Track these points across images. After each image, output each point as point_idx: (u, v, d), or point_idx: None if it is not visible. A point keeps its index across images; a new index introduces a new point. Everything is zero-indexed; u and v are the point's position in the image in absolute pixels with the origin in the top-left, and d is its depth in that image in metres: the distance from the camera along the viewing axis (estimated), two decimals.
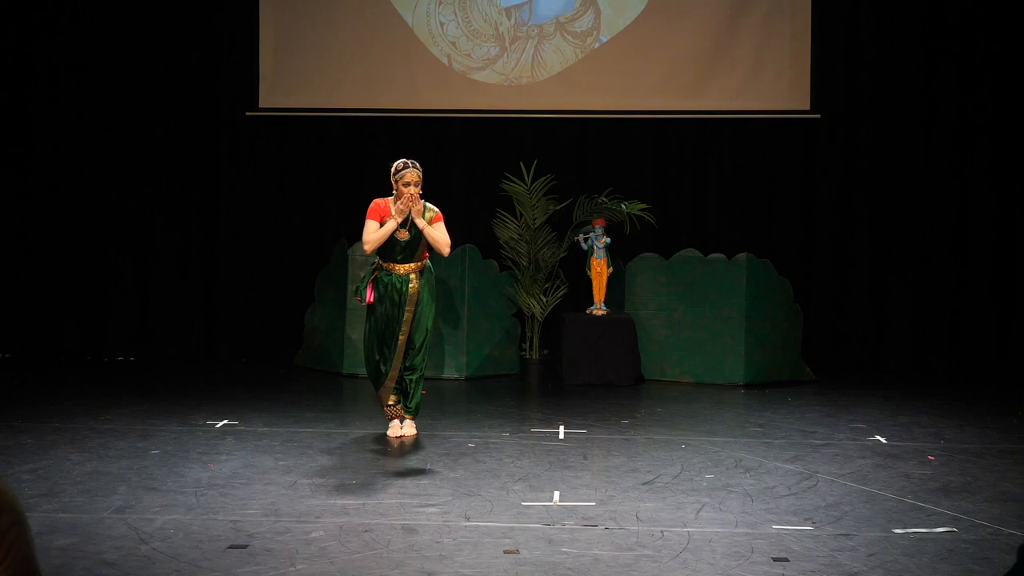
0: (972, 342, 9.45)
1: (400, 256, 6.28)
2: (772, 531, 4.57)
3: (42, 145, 9.86)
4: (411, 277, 6.27)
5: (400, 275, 6.27)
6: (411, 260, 6.30)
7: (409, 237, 6.25)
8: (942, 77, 9.47)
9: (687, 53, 9.60)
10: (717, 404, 7.95)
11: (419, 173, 6.29)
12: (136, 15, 9.76)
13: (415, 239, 6.27)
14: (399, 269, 6.28)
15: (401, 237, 6.25)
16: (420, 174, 6.30)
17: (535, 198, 9.04)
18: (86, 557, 4.12)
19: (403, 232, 6.24)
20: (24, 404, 7.38)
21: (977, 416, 7.41)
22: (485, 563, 4.10)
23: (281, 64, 9.76)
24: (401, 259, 6.28)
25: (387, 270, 6.30)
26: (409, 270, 6.29)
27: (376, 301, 6.31)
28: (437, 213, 6.37)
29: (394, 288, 6.26)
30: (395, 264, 6.29)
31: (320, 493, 5.11)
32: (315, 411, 7.33)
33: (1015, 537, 4.50)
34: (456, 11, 9.71)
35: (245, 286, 9.95)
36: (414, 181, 6.24)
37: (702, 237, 9.61)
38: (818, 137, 9.68)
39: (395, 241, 6.25)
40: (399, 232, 6.24)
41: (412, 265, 6.30)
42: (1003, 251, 9.45)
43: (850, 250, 9.68)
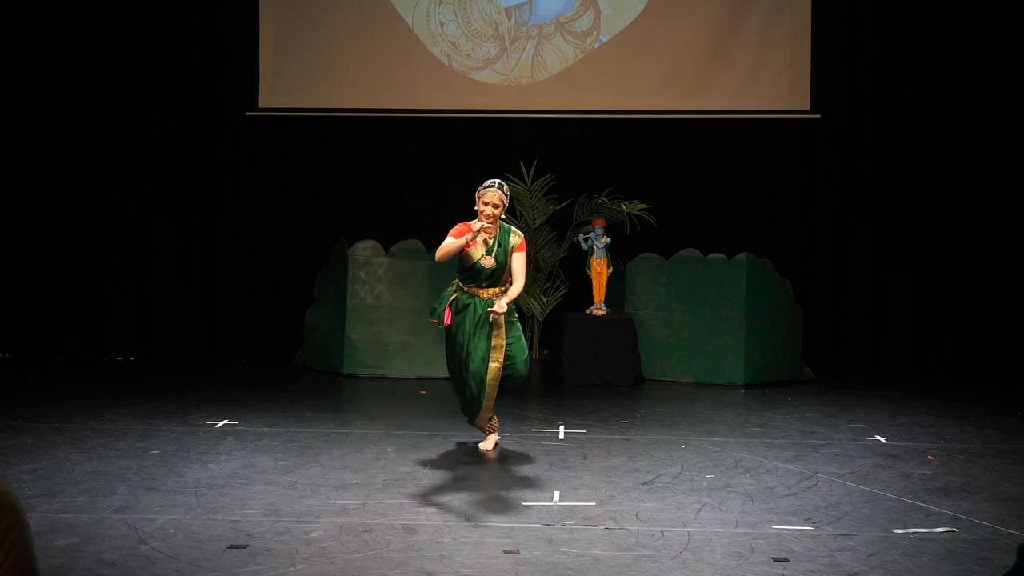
0: (972, 342, 9.45)
1: (485, 283, 5.93)
2: (772, 531, 4.57)
3: (42, 145, 9.87)
4: (494, 301, 5.83)
5: (483, 299, 5.90)
6: (496, 285, 5.94)
7: (495, 265, 5.89)
8: (942, 77, 9.47)
9: (687, 53, 9.60)
10: (717, 404, 7.95)
11: (503, 196, 5.88)
12: (136, 15, 9.76)
13: (500, 267, 5.91)
14: (483, 293, 5.92)
15: (487, 265, 5.88)
16: (505, 197, 5.90)
17: (535, 198, 9.05)
18: (86, 557, 4.12)
19: (488, 259, 5.88)
20: (24, 404, 7.38)
21: (977, 416, 7.41)
22: (485, 563, 4.10)
23: (281, 64, 9.76)
24: (486, 284, 5.93)
25: (469, 293, 5.94)
26: (493, 294, 5.91)
27: (454, 327, 5.93)
28: (521, 241, 5.99)
29: (475, 311, 5.89)
30: (479, 288, 5.93)
31: (320, 493, 5.11)
32: (315, 411, 7.33)
33: (1015, 537, 4.50)
34: (456, 11, 9.71)
35: (245, 286, 9.95)
36: (493, 202, 5.84)
37: (702, 237, 9.61)
38: (818, 137, 9.68)
39: (480, 268, 5.90)
40: (484, 260, 5.88)
41: (496, 290, 5.93)
42: (1003, 251, 9.45)
43: (850, 250, 9.68)
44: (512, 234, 5.97)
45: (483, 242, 5.90)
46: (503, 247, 5.92)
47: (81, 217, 9.87)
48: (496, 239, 5.92)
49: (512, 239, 5.95)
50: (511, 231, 5.99)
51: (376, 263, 9.03)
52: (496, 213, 5.87)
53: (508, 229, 5.99)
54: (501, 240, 5.93)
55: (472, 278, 5.93)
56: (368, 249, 9.04)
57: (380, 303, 9.01)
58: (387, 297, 9.01)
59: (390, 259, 9.04)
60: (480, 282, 5.92)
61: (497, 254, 5.90)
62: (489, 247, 5.90)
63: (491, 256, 5.89)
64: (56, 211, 9.85)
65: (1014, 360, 9.33)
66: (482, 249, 5.89)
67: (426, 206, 9.87)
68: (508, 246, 5.94)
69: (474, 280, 5.93)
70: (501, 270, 5.93)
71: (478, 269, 5.89)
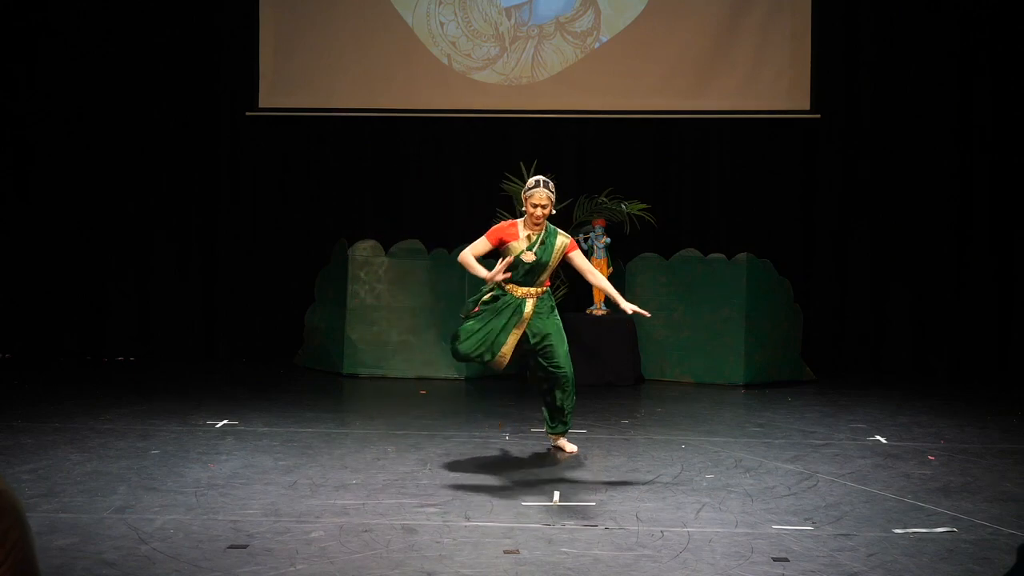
0: (972, 342, 9.45)
1: (522, 278, 5.84)
2: (772, 531, 4.57)
3: (42, 145, 9.87)
4: (527, 302, 5.84)
5: (517, 297, 5.86)
6: (531, 285, 5.86)
7: (535, 261, 5.80)
8: (942, 77, 9.47)
9: (687, 53, 9.60)
10: (717, 404, 7.95)
11: (549, 194, 5.81)
12: (136, 15, 9.76)
13: (540, 265, 5.83)
14: (517, 291, 5.85)
15: (527, 260, 5.80)
16: (551, 195, 5.82)
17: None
18: (86, 557, 4.11)
19: (529, 254, 5.79)
20: (24, 404, 7.37)
21: (977, 416, 7.41)
22: (485, 563, 4.10)
23: (281, 64, 9.76)
24: (521, 281, 5.85)
25: (504, 290, 5.87)
26: (526, 294, 5.86)
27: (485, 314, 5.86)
28: (571, 240, 5.94)
29: (508, 305, 5.84)
30: (514, 285, 5.85)
31: (320, 493, 5.11)
32: (315, 411, 7.33)
33: (1015, 537, 4.50)
34: (456, 11, 9.71)
35: (245, 286, 9.95)
36: (542, 203, 5.77)
37: (702, 237, 9.61)
38: (818, 137, 9.68)
39: (520, 263, 5.80)
40: (525, 254, 5.78)
41: (531, 290, 5.87)
42: (1003, 251, 9.45)
43: (850, 250, 9.68)
44: (559, 235, 5.90)
45: (526, 237, 5.83)
46: (547, 246, 5.84)
47: (81, 217, 9.87)
48: (540, 237, 5.83)
49: (560, 239, 5.88)
50: (557, 232, 5.91)
51: (376, 263, 9.04)
52: (544, 214, 5.80)
53: (554, 230, 5.90)
54: (546, 239, 5.85)
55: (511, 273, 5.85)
56: (368, 249, 9.05)
57: (380, 303, 9.01)
58: (387, 297, 9.01)
59: (390, 259, 9.05)
60: (516, 276, 5.84)
61: (539, 251, 5.81)
62: (532, 243, 5.82)
63: (532, 251, 5.80)
64: (56, 211, 9.85)
65: (1014, 360, 9.33)
66: (524, 243, 5.82)
67: (426, 206, 9.88)
68: (554, 247, 5.85)
69: (512, 276, 5.85)
70: (540, 269, 5.84)
71: (516, 262, 5.80)
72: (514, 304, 5.85)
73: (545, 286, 5.95)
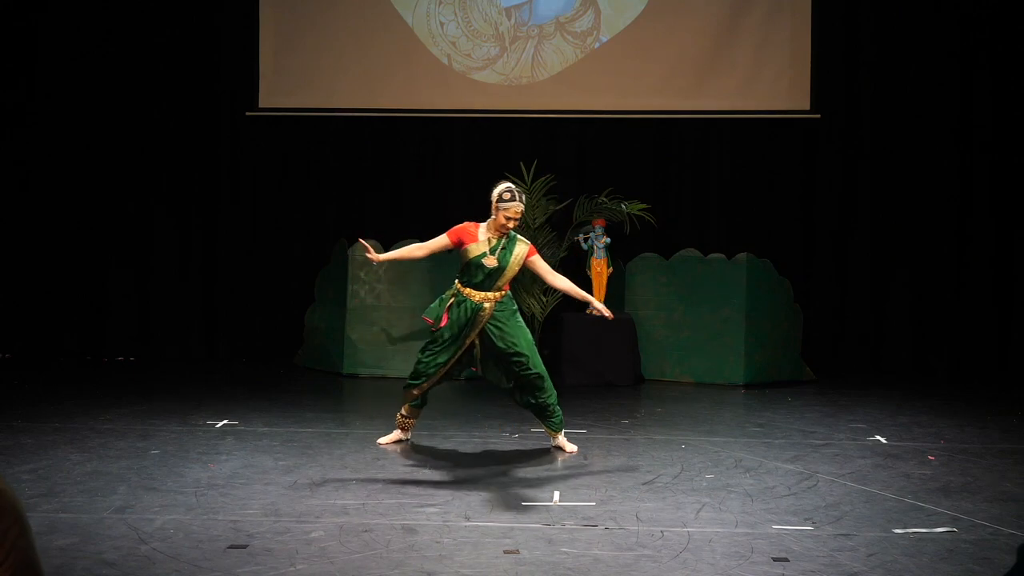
0: (972, 342, 9.45)
1: (480, 282, 5.89)
2: (772, 531, 4.57)
3: (42, 145, 9.86)
4: (484, 306, 5.89)
5: (475, 302, 5.90)
6: (489, 289, 5.90)
7: (496, 266, 5.85)
8: (942, 77, 9.47)
9: (687, 53, 9.61)
10: (717, 404, 7.95)
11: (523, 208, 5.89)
12: (136, 15, 9.76)
13: (499, 270, 5.86)
14: (475, 296, 5.90)
15: (488, 264, 5.84)
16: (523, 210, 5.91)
17: (535, 198, 9.04)
18: (86, 557, 4.11)
19: (491, 259, 5.84)
20: (24, 404, 7.37)
21: (977, 416, 7.41)
22: (485, 563, 4.10)
23: (281, 64, 9.76)
24: (479, 285, 5.89)
25: (463, 295, 5.92)
26: (484, 299, 5.89)
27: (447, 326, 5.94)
28: (530, 246, 5.97)
29: (466, 313, 5.90)
30: (472, 290, 5.90)
31: (320, 493, 5.11)
32: (315, 411, 7.33)
33: (1015, 537, 4.50)
34: (456, 11, 9.71)
35: (245, 286, 9.96)
36: (516, 217, 5.81)
37: (702, 237, 9.61)
38: (818, 137, 9.68)
39: (479, 267, 5.85)
40: (486, 259, 5.84)
41: (489, 295, 5.90)
42: (1003, 251, 9.45)
43: (850, 250, 9.68)
44: (519, 242, 5.94)
45: (487, 240, 5.86)
46: (507, 251, 5.88)
47: (81, 217, 9.87)
48: (501, 243, 5.88)
49: (520, 246, 5.92)
50: (518, 239, 5.94)
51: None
52: (515, 226, 5.87)
53: (515, 236, 5.94)
54: (507, 245, 5.89)
55: (470, 278, 5.91)
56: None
57: (380, 303, 9.01)
58: (387, 297, 9.02)
59: None
60: (475, 281, 5.89)
61: (500, 256, 5.85)
62: (493, 247, 5.86)
63: (494, 256, 5.84)
64: (56, 211, 9.85)
65: (1014, 360, 9.33)
66: (484, 247, 5.86)
67: (426, 206, 9.88)
68: (513, 253, 5.89)
69: (470, 280, 5.90)
70: (498, 274, 5.87)
71: (476, 266, 5.84)
72: (471, 310, 5.90)
73: (504, 290, 5.97)
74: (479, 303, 5.89)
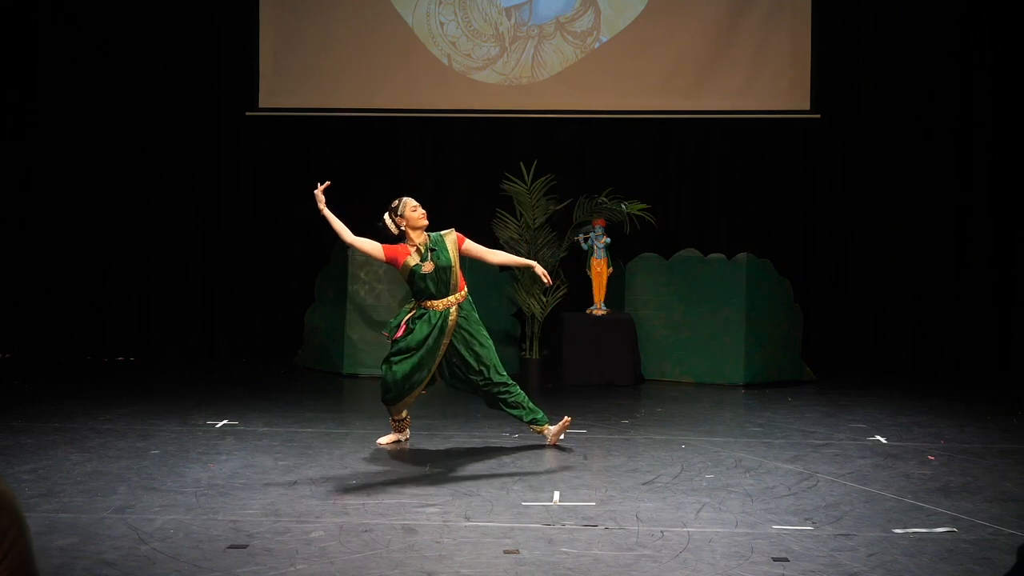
0: (972, 342, 9.45)
1: (434, 290, 5.96)
2: (772, 531, 4.56)
3: (42, 144, 9.86)
4: (451, 311, 5.97)
5: (439, 311, 5.97)
6: (448, 293, 5.99)
7: (434, 268, 5.94)
8: (942, 77, 9.47)
9: (687, 53, 9.61)
10: (717, 404, 7.95)
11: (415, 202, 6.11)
12: (136, 15, 9.76)
13: (444, 268, 5.95)
14: (437, 305, 5.97)
15: (427, 270, 5.93)
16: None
17: (535, 198, 9.04)
18: (86, 557, 4.11)
19: (427, 264, 5.93)
20: (24, 404, 7.37)
21: (977, 416, 7.41)
22: (485, 563, 4.10)
23: (281, 64, 9.76)
24: (436, 293, 5.97)
25: (424, 308, 5.99)
26: (447, 304, 5.98)
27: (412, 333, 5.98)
28: (456, 234, 6.09)
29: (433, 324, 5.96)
30: (432, 301, 5.97)
31: (320, 493, 5.11)
32: (315, 411, 7.33)
33: (1015, 537, 4.50)
34: (456, 11, 9.71)
35: (245, 286, 9.95)
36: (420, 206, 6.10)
37: (702, 237, 9.61)
38: (818, 137, 9.68)
39: (421, 276, 5.94)
40: (423, 265, 5.93)
41: (451, 299, 5.98)
42: (1003, 251, 9.45)
43: (850, 250, 9.68)
44: (444, 235, 6.06)
45: (415, 251, 5.96)
46: (439, 250, 5.99)
47: (81, 217, 9.88)
48: (427, 246, 5.99)
49: (448, 238, 6.04)
50: (441, 234, 6.07)
51: (376, 263, 9.02)
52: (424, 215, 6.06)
53: (438, 235, 6.06)
54: (434, 245, 6.00)
55: (421, 291, 5.99)
56: None
57: (380, 303, 9.01)
58: (387, 297, 9.02)
59: None
60: (429, 291, 5.97)
61: (434, 257, 5.95)
62: (423, 254, 5.97)
63: (428, 261, 5.95)
64: (56, 211, 9.85)
65: (1014, 360, 9.33)
66: (416, 257, 5.96)
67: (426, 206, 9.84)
68: (446, 246, 6.00)
69: (423, 292, 5.98)
70: (446, 273, 5.96)
71: (419, 276, 5.94)
72: (438, 319, 5.97)
73: (461, 289, 6.04)
74: (444, 311, 5.98)
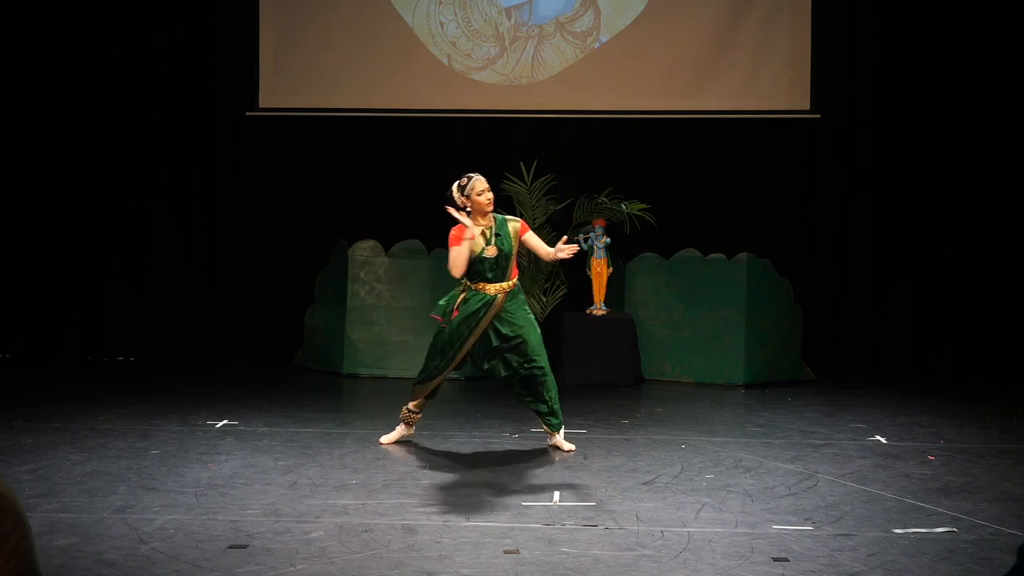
0: (972, 342, 9.45)
1: (490, 275, 5.93)
2: (772, 531, 4.57)
3: (42, 145, 9.86)
4: (497, 297, 5.93)
5: (489, 295, 5.93)
6: (502, 280, 5.96)
7: (497, 254, 5.91)
8: (942, 77, 9.47)
9: (687, 53, 9.60)
10: (717, 404, 7.95)
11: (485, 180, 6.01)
12: (136, 15, 9.76)
13: (504, 257, 5.93)
14: (489, 289, 5.93)
15: (489, 254, 5.90)
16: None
17: (535, 198, 9.05)
18: (86, 557, 4.12)
19: (491, 249, 5.90)
20: (24, 404, 7.38)
21: (977, 416, 7.41)
22: (485, 563, 4.10)
23: (281, 64, 9.76)
24: (492, 278, 5.93)
25: (474, 290, 5.95)
26: (499, 290, 5.94)
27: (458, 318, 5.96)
28: (522, 222, 6.08)
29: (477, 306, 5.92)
30: (485, 284, 5.94)
31: (320, 493, 5.11)
32: (315, 411, 7.33)
33: (1015, 537, 4.50)
34: (456, 11, 9.71)
35: (245, 286, 9.95)
36: (487, 188, 5.97)
37: (702, 237, 9.60)
38: (818, 137, 9.68)
39: (483, 259, 5.90)
40: (487, 249, 5.89)
41: (503, 285, 5.95)
42: (1003, 251, 9.45)
43: (850, 250, 9.68)
44: (509, 221, 6.04)
45: (480, 234, 5.92)
46: (503, 235, 5.96)
47: (81, 217, 9.87)
48: (492, 230, 5.96)
49: (511, 224, 6.02)
50: (506, 219, 6.06)
51: (376, 263, 9.04)
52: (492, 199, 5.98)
53: (503, 218, 6.04)
54: (499, 230, 5.97)
55: (477, 273, 5.94)
56: (368, 249, 9.06)
57: (380, 303, 9.01)
58: (387, 297, 9.02)
59: (390, 259, 9.05)
60: (485, 274, 5.93)
61: (499, 242, 5.93)
62: (488, 237, 5.93)
63: (492, 245, 5.91)
64: (56, 211, 9.84)
65: (1014, 360, 9.33)
66: (481, 241, 5.91)
67: (426, 206, 9.86)
68: (509, 234, 5.97)
69: (479, 275, 5.94)
70: (505, 261, 5.94)
71: (481, 259, 5.89)
72: (484, 301, 5.94)
73: (513, 277, 6.02)
74: (492, 295, 5.94)
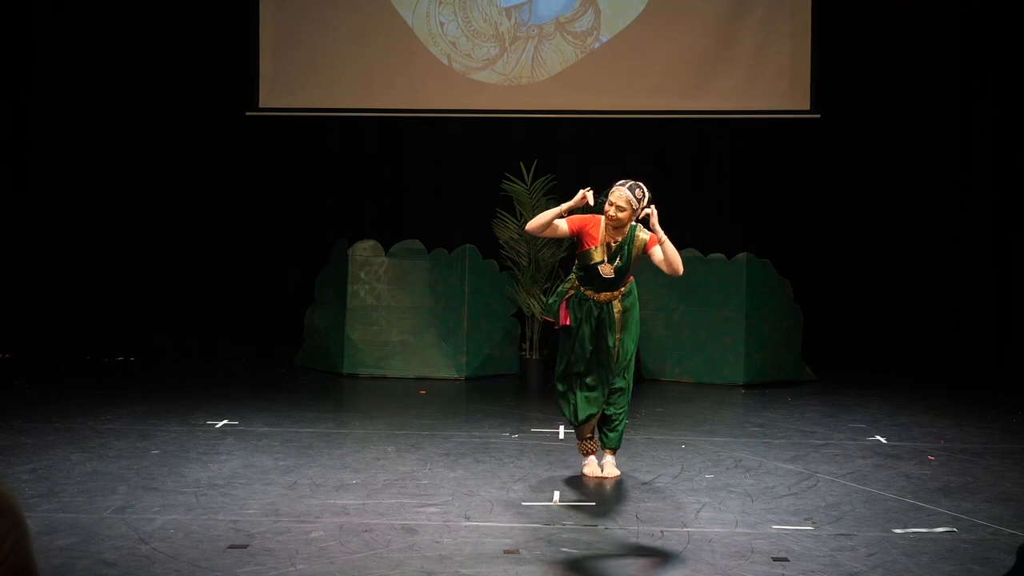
0: (972, 342, 9.45)
1: (596, 287, 5.48)
2: (772, 531, 4.57)
3: (42, 145, 9.86)
4: (614, 304, 5.48)
5: (600, 302, 5.48)
6: (614, 288, 5.48)
7: (612, 276, 5.41)
8: (942, 77, 9.47)
9: (687, 53, 9.60)
10: (717, 404, 7.95)
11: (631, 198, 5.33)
12: (136, 15, 9.75)
13: (620, 275, 5.44)
14: (600, 297, 5.47)
15: (605, 273, 5.40)
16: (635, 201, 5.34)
17: (535, 198, 9.04)
18: (86, 557, 4.12)
19: (607, 267, 5.38)
20: (24, 404, 7.38)
21: (977, 416, 7.41)
22: (485, 563, 4.10)
23: (281, 64, 9.76)
24: (597, 288, 5.48)
25: (585, 295, 5.51)
26: (610, 298, 5.48)
27: (574, 323, 5.51)
28: (650, 237, 5.42)
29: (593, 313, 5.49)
30: (595, 292, 5.48)
31: (320, 493, 5.11)
32: (315, 411, 7.33)
33: (1015, 537, 4.51)
34: (456, 11, 9.71)
35: (245, 286, 9.95)
36: (618, 204, 5.31)
37: (702, 237, 9.60)
38: (818, 137, 9.67)
39: (597, 274, 5.42)
40: (603, 267, 5.37)
41: (615, 293, 5.49)
42: (1003, 251, 9.45)
43: (850, 250, 9.68)
44: (637, 235, 5.43)
45: (607, 246, 5.40)
46: (627, 252, 5.40)
47: (81, 217, 9.86)
48: (619, 245, 5.39)
49: (639, 240, 5.42)
50: (637, 231, 5.44)
51: (376, 263, 9.04)
52: (619, 217, 5.32)
53: (634, 229, 5.43)
54: (627, 245, 5.40)
55: (589, 279, 5.49)
56: (368, 249, 9.06)
57: (380, 303, 9.01)
58: (387, 297, 9.02)
59: (390, 259, 9.05)
60: (595, 285, 5.48)
61: (618, 265, 5.40)
62: (611, 253, 5.39)
63: (611, 265, 5.39)
64: (56, 211, 9.84)
65: (1014, 360, 9.32)
66: (602, 254, 5.41)
67: (426, 206, 9.88)
68: (633, 247, 5.41)
69: (590, 282, 5.49)
70: (619, 280, 5.46)
71: (594, 272, 5.43)
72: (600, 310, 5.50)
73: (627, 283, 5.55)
74: (606, 302, 5.50)
